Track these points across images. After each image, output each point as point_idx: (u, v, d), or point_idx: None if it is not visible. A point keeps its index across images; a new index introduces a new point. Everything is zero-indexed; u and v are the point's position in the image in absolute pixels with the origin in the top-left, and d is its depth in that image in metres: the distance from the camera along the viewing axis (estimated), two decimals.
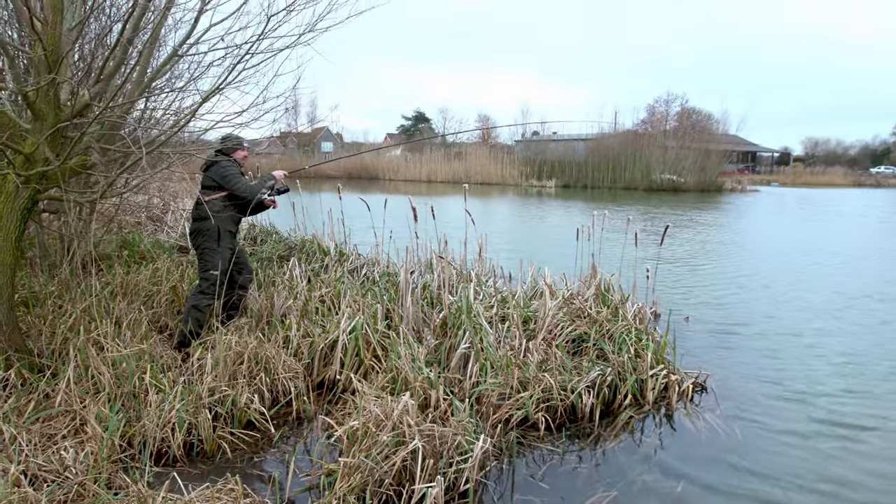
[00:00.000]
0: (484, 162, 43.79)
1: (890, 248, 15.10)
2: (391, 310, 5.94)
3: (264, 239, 10.09)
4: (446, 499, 3.41)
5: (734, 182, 43.79)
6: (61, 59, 3.97)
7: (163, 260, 7.18)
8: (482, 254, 7.84)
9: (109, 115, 4.57)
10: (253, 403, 4.37)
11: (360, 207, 7.78)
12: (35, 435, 3.61)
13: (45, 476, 3.29)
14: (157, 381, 4.27)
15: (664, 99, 52.18)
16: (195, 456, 3.94)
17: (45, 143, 4.22)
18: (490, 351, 4.95)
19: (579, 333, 5.76)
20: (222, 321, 5.49)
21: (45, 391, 4.08)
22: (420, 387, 4.37)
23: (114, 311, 5.27)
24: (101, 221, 8.04)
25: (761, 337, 7.03)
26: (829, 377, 5.79)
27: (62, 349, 4.65)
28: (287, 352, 5.04)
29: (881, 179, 62.84)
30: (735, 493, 3.79)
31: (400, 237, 7.74)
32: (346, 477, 3.31)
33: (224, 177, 5.45)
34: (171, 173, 8.92)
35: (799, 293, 9.46)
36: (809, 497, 3.76)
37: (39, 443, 3.57)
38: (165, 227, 10.93)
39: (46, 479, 3.27)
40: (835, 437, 4.57)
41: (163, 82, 6.17)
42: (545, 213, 23.24)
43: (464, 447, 3.64)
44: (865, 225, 21.22)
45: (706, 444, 4.42)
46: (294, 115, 48.41)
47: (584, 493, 3.75)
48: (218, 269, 5.39)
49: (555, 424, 4.55)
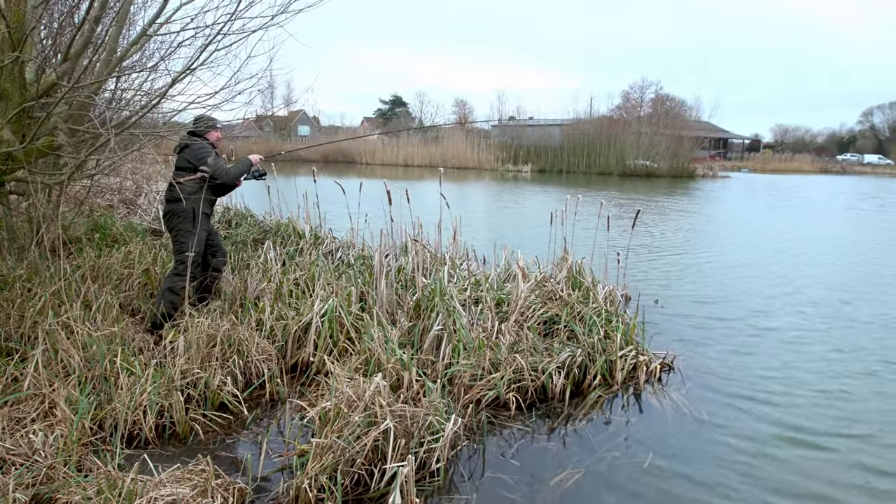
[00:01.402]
0: (461, 146, 43.67)
1: (852, 234, 15.46)
2: (365, 292, 5.93)
3: (239, 222, 10.00)
4: (417, 477, 3.44)
5: (706, 168, 44.27)
6: (25, 36, 3.86)
7: (135, 243, 7.07)
8: (456, 237, 7.84)
9: (77, 94, 4.47)
10: (226, 386, 4.34)
11: (336, 191, 7.72)
12: (3, 419, 3.54)
13: (14, 460, 3.24)
14: (128, 363, 4.22)
15: (639, 85, 52.49)
16: (167, 438, 3.90)
17: (9, 124, 4.11)
18: (463, 333, 4.97)
19: (551, 315, 5.81)
20: (193, 303, 5.43)
21: (13, 375, 4.00)
22: (393, 368, 4.38)
23: (84, 294, 5.18)
24: (72, 204, 7.88)
25: (727, 319, 7.16)
26: (791, 356, 5.92)
27: (31, 333, 4.56)
28: (260, 334, 5.00)
29: (846, 166, 64.08)
30: (700, 467, 3.87)
31: (375, 221, 7.71)
32: (318, 457, 3.31)
33: (200, 158, 5.36)
34: (144, 155, 8.76)
35: (764, 277, 9.64)
36: (772, 468, 3.86)
37: (7, 426, 3.50)
38: (139, 210, 10.75)
39: (15, 462, 3.22)
40: (797, 412, 4.69)
41: (133, 62, 6.04)
42: (520, 197, 23.31)
43: (435, 427, 3.66)
44: (833, 212, 21.65)
45: (672, 422, 4.50)
46: (270, 98, 47.79)
47: (554, 469, 3.80)
48: (192, 250, 5.32)
49: (526, 404, 4.59)
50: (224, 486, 3.14)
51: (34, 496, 3.01)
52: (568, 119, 44.84)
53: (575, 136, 42.37)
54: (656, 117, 44.37)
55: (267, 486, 3.44)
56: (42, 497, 3.02)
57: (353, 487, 3.36)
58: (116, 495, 2.86)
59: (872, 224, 17.72)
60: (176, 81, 4.64)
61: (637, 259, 10.53)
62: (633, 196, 24.03)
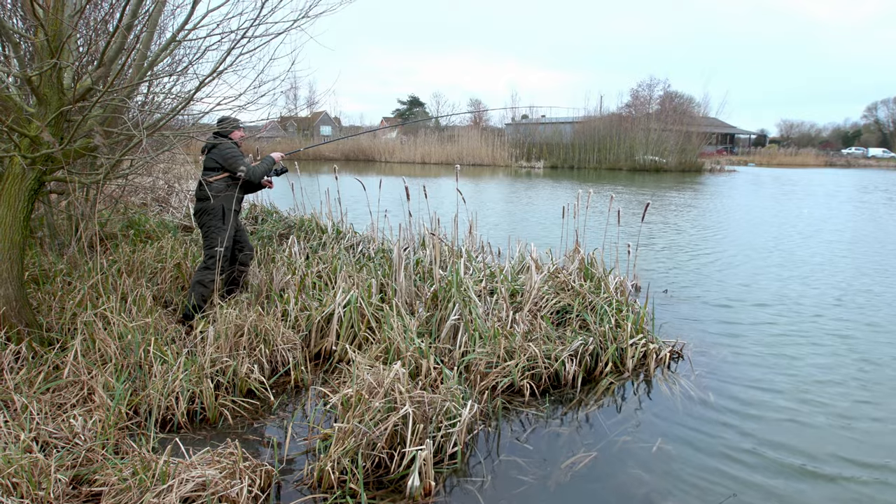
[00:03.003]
0: (475, 144, 43.52)
1: (859, 225, 15.18)
2: (385, 284, 5.93)
3: (265, 218, 10.05)
4: (435, 461, 3.44)
5: (713, 162, 43.72)
6: (62, 44, 3.89)
7: (167, 239, 7.14)
8: (472, 231, 7.82)
9: (111, 98, 4.50)
10: (253, 373, 4.37)
11: (357, 188, 7.72)
12: (45, 404, 3.60)
13: (56, 443, 3.29)
14: (161, 352, 4.26)
15: (647, 83, 51.65)
16: (198, 423, 3.94)
17: (49, 127, 4.15)
18: (478, 322, 4.95)
19: (563, 305, 5.77)
20: (222, 295, 5.47)
21: (54, 363, 4.06)
22: (411, 356, 4.38)
23: (120, 287, 5.24)
24: (108, 202, 7.97)
25: (735, 308, 7.07)
26: (799, 345, 5.83)
27: (70, 324, 4.63)
28: (286, 324, 5.03)
29: (851, 160, 62.91)
30: (707, 451, 3.83)
31: (394, 216, 7.71)
32: (340, 441, 3.32)
33: (227, 158, 5.40)
34: (175, 155, 8.84)
35: (772, 268, 9.50)
36: (777, 452, 3.80)
37: (50, 412, 3.56)
38: (170, 207, 10.85)
39: (56, 445, 3.28)
40: (802, 398, 4.61)
41: (164, 67, 6.08)
42: (534, 192, 23.18)
43: (452, 413, 3.66)
44: (839, 204, 21.25)
45: (681, 407, 4.46)
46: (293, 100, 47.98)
47: (567, 453, 3.78)
48: (222, 245, 5.36)
49: (539, 391, 4.57)
50: (251, 467, 3.17)
51: (74, 477, 3.06)
52: (579, 116, 44.45)
53: (586, 133, 42.01)
54: (665, 114, 43.81)
55: (292, 468, 3.46)
56: (82, 477, 3.07)
57: (373, 470, 3.37)
58: (150, 476, 2.89)
59: (878, 216, 17.38)
60: (203, 84, 4.66)
61: (647, 250, 10.43)
62: (642, 190, 23.79)
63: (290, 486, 3.29)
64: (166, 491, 2.82)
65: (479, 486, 3.38)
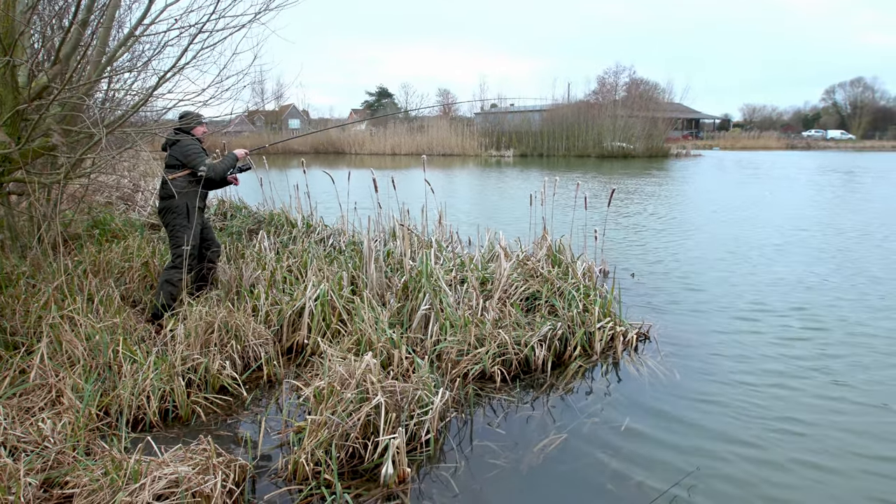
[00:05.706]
0: (445, 134, 43.50)
1: (817, 208, 15.60)
2: (356, 276, 5.94)
3: (234, 214, 9.94)
4: (409, 448, 3.48)
5: (679, 147, 44.40)
6: (14, 41, 3.80)
7: (134, 237, 7.02)
8: (442, 221, 7.85)
9: (69, 96, 4.41)
10: (225, 370, 4.35)
11: (326, 181, 7.69)
12: (12, 409, 3.54)
13: (24, 447, 3.24)
14: (130, 352, 4.21)
15: (613, 70, 52.21)
16: (171, 421, 3.92)
17: (4, 127, 4.06)
18: (449, 311, 5.00)
19: (532, 292, 5.84)
20: (191, 292, 5.42)
21: (20, 367, 3.98)
22: (383, 347, 4.41)
23: (86, 287, 5.15)
24: (71, 202, 7.80)
25: (699, 290, 7.24)
26: (762, 322, 6.01)
27: (36, 326, 4.53)
28: (257, 320, 5.00)
29: (811, 142, 64.50)
30: (673, 428, 3.94)
31: (364, 208, 7.69)
32: (314, 433, 3.34)
33: (187, 155, 5.31)
34: (139, 153, 8.68)
35: (735, 250, 9.73)
36: (743, 428, 3.93)
37: (17, 416, 3.50)
38: (136, 206, 10.65)
39: (25, 449, 3.23)
40: (766, 373, 4.77)
41: (123, 63, 5.96)
42: (503, 181, 23.28)
43: (424, 401, 3.70)
44: (797, 186, 21.79)
45: (649, 388, 4.57)
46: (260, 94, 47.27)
47: (538, 436, 3.85)
48: (188, 244, 5.30)
49: (510, 376, 4.64)
50: (225, 462, 3.16)
51: (45, 480, 3.02)
52: (547, 104, 44.69)
53: (554, 121, 42.29)
54: (631, 100, 44.31)
55: (267, 461, 3.47)
56: (53, 480, 3.03)
57: (348, 460, 3.40)
58: (122, 475, 2.87)
59: (837, 197, 17.89)
60: (163, 80, 4.59)
61: (614, 235, 10.59)
62: (609, 176, 24.07)
63: (264, 479, 3.30)
64: (139, 489, 2.81)
65: (453, 471, 3.44)
